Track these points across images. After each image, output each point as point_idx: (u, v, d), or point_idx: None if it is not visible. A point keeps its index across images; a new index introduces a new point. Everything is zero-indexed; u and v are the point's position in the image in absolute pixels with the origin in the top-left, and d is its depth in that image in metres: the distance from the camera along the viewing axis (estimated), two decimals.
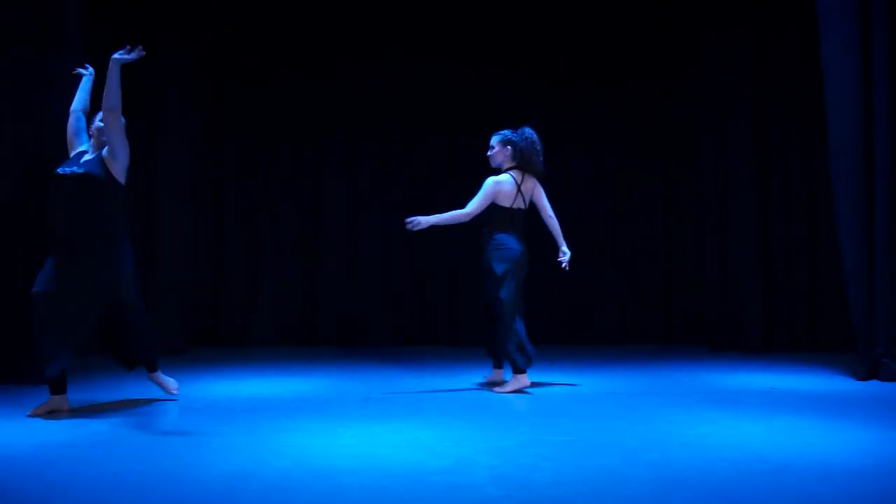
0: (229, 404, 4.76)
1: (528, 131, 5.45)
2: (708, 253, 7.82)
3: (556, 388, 5.42)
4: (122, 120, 4.55)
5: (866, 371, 5.68)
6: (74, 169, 4.49)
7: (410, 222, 5.23)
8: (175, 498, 2.89)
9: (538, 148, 5.44)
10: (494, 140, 5.52)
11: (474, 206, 5.36)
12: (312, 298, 8.24)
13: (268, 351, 7.64)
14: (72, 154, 4.68)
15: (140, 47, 4.49)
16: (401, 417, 4.38)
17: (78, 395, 5.06)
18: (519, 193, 5.39)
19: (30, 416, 4.35)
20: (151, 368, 4.87)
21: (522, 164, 5.42)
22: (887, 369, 5.58)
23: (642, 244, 8.44)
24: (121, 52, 4.49)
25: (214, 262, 8.17)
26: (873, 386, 5.47)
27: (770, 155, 7.62)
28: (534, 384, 5.42)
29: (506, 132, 5.50)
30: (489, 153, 5.54)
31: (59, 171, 4.51)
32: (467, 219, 5.38)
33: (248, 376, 5.96)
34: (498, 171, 5.47)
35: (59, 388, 4.47)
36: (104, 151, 4.54)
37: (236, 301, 8.11)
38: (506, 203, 5.36)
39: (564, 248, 5.53)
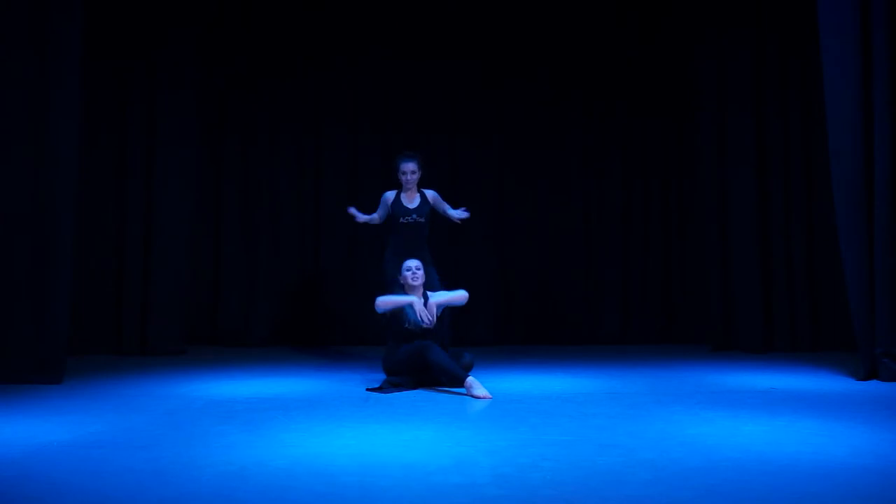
0: (229, 404, 4.76)
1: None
2: (708, 253, 7.81)
3: (557, 389, 5.41)
4: None
5: (866, 371, 5.67)
6: None
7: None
8: (175, 498, 2.89)
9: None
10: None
11: None
12: (312, 298, 8.23)
13: (268, 351, 7.63)
14: None
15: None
16: (401, 417, 4.38)
17: (78, 394, 5.07)
18: None
19: None
20: None
21: None
22: (887, 369, 5.58)
23: (642, 244, 8.44)
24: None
25: (213, 262, 8.17)
26: (873, 386, 5.46)
27: (770, 155, 7.61)
28: (533, 384, 5.40)
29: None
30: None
31: None
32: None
33: (247, 376, 5.96)
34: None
35: None
36: None
37: (235, 301, 8.10)
38: None
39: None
